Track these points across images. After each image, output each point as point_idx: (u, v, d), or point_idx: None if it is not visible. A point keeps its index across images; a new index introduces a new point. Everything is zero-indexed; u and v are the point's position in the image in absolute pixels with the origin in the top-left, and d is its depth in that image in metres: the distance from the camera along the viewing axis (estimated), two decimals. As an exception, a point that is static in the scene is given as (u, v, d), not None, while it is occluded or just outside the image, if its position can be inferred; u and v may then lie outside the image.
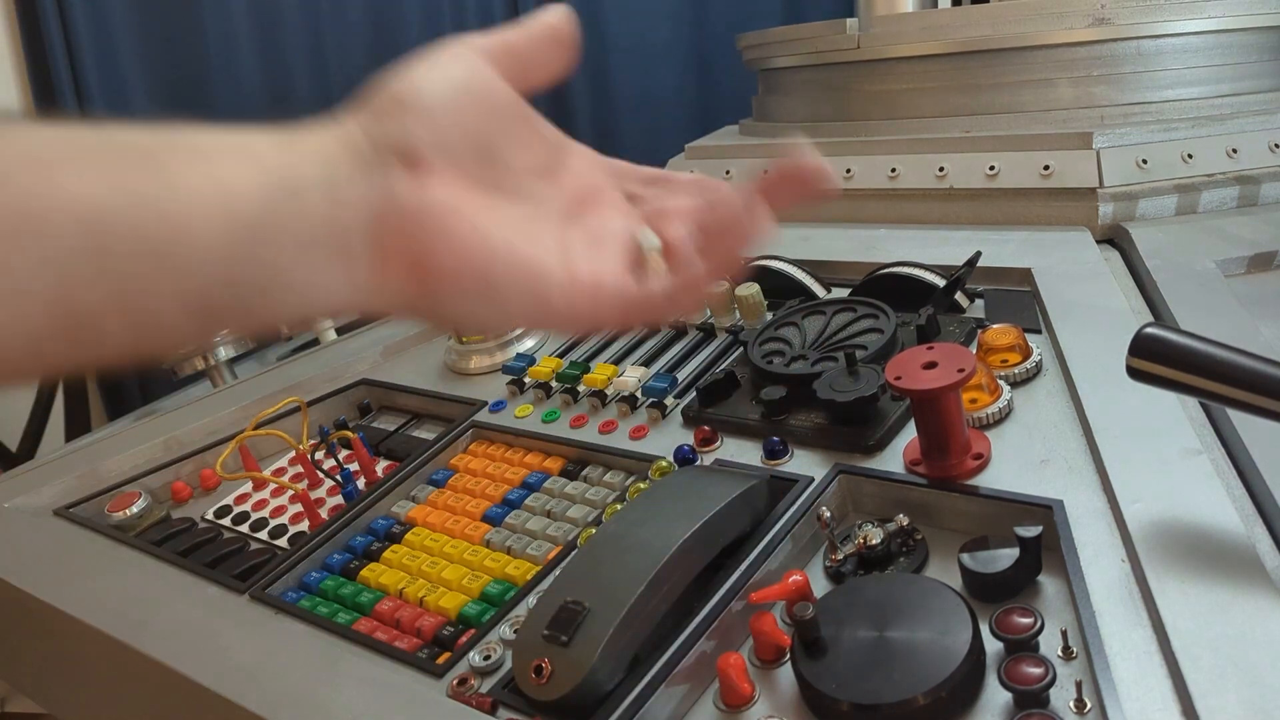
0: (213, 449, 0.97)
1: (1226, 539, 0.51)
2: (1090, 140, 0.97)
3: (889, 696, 0.47)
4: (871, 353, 0.75)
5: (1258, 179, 0.97)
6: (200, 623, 0.70)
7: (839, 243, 1.06)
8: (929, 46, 1.13)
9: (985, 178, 1.02)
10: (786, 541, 0.62)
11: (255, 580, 0.75)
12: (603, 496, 0.75)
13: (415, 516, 0.80)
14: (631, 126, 2.32)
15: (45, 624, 0.78)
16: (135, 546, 0.83)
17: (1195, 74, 1.06)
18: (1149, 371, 0.52)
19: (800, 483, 0.67)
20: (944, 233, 1.02)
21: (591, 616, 0.55)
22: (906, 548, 0.60)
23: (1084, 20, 1.04)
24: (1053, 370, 0.73)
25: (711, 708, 0.53)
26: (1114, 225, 0.95)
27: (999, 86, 1.10)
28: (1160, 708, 0.44)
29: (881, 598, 0.53)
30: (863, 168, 1.12)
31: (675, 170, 1.32)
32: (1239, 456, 0.60)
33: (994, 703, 0.48)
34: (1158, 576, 0.49)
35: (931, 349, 0.63)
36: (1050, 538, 0.56)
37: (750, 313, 0.92)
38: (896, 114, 1.18)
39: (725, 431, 0.76)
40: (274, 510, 0.88)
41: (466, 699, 0.57)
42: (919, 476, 0.64)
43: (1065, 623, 0.51)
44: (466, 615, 0.67)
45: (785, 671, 0.53)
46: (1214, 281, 0.81)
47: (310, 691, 0.61)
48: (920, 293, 0.86)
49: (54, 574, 0.80)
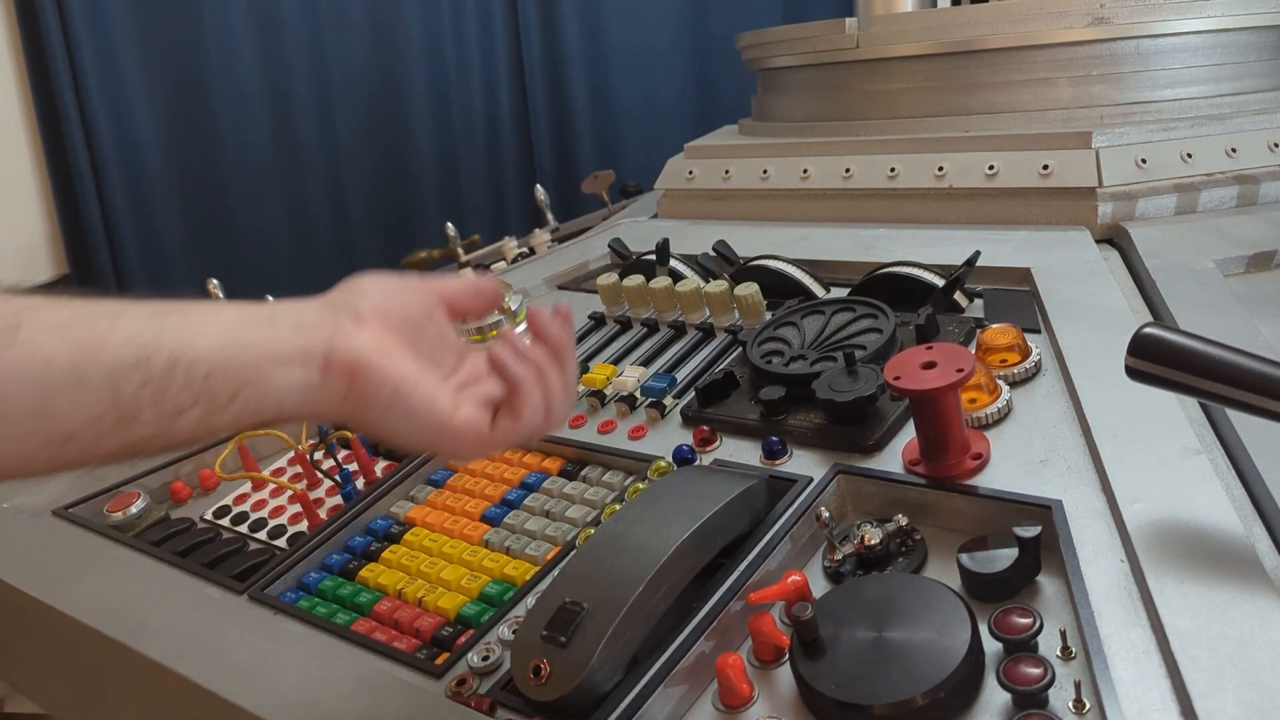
0: (212, 449, 0.97)
1: (1226, 539, 0.51)
2: (1089, 140, 0.97)
3: (888, 697, 0.47)
4: (870, 353, 0.75)
5: (1257, 178, 0.97)
6: (199, 623, 0.70)
7: (838, 242, 1.06)
8: (928, 46, 1.13)
9: (984, 177, 1.02)
10: (785, 542, 0.62)
11: (254, 580, 0.75)
12: (601, 497, 0.75)
13: (414, 517, 0.80)
14: (632, 127, 2.32)
15: (45, 624, 0.78)
16: (134, 547, 0.83)
17: (1194, 73, 1.06)
18: (1148, 371, 0.52)
19: (799, 483, 0.67)
20: (943, 232, 1.02)
21: (590, 617, 0.54)
22: (905, 548, 0.60)
23: (1083, 20, 1.04)
24: (1052, 370, 0.73)
25: (710, 708, 0.53)
26: (1113, 225, 0.95)
27: (998, 86, 1.10)
28: (1159, 708, 0.44)
29: (880, 598, 0.53)
30: (862, 167, 1.12)
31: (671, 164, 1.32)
32: (1238, 456, 0.60)
33: (993, 703, 0.48)
34: (1157, 576, 0.49)
35: (930, 349, 0.63)
36: (1049, 538, 0.56)
37: (749, 312, 0.92)
38: (896, 113, 1.18)
39: (724, 431, 0.76)
40: (273, 510, 0.88)
41: (465, 699, 0.57)
42: (918, 476, 0.64)
43: (1064, 623, 0.51)
44: (465, 615, 0.67)
45: (784, 672, 0.53)
46: (1213, 281, 0.81)
47: (309, 692, 0.61)
48: (919, 293, 0.86)
49: (53, 574, 0.80)
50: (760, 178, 1.21)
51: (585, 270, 1.20)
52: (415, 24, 2.12)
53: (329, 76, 2.06)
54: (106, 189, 1.85)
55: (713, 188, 1.27)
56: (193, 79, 1.92)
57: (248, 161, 1.99)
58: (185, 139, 1.94)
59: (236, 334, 0.44)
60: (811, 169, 1.16)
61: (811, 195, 1.17)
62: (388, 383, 0.46)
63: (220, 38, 1.93)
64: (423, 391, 0.47)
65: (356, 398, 0.46)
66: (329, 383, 0.45)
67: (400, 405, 0.46)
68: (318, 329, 0.46)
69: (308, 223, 2.09)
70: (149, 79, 1.89)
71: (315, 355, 0.45)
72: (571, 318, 0.52)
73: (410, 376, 0.46)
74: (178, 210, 1.94)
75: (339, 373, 0.45)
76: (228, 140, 1.97)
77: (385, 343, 0.46)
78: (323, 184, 2.09)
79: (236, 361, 0.43)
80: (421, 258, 1.53)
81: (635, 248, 1.14)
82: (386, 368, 0.46)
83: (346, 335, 0.46)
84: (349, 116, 2.10)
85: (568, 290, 1.16)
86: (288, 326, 0.45)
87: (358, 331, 0.46)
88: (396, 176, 2.17)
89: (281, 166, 2.04)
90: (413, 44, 2.12)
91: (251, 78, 1.98)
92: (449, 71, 2.17)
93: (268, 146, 2.02)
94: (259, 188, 2.01)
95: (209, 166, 1.97)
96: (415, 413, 0.46)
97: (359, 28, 2.08)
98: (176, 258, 1.94)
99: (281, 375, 0.44)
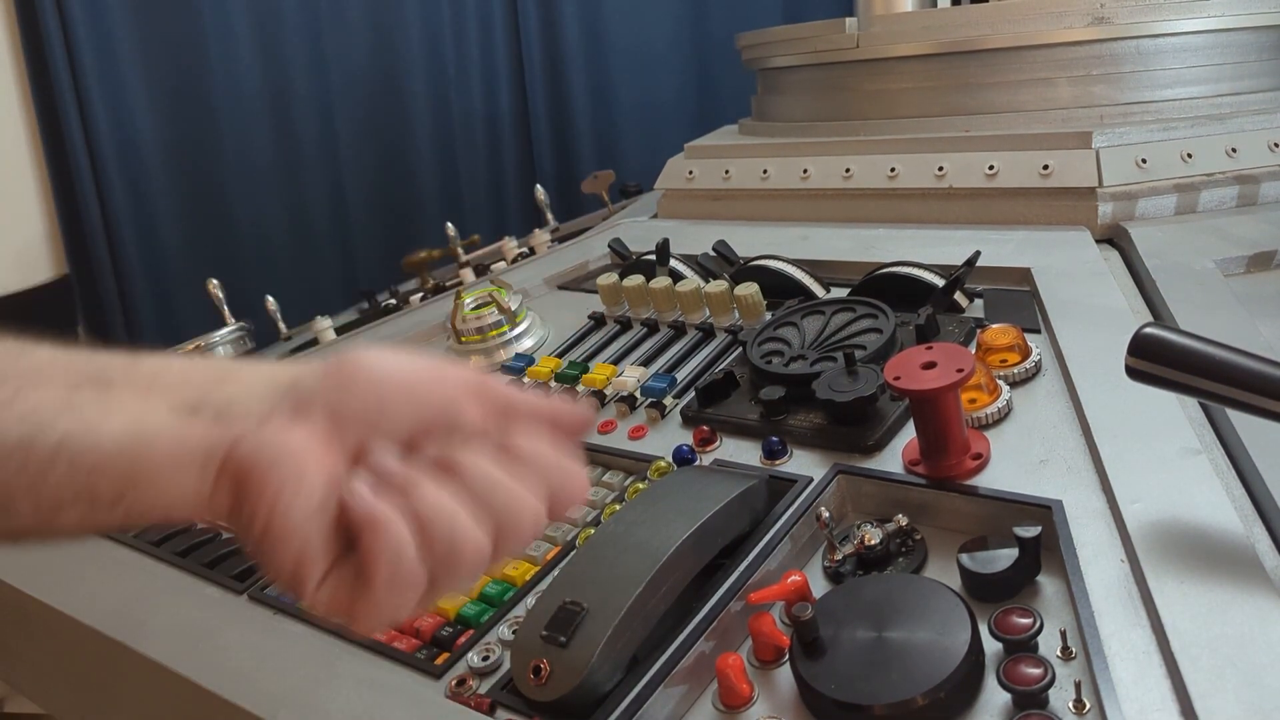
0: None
1: (1226, 539, 0.51)
2: (1089, 140, 0.97)
3: (888, 697, 0.47)
4: (870, 353, 0.75)
5: (1257, 178, 0.97)
6: (199, 623, 0.70)
7: (838, 242, 1.06)
8: (928, 46, 1.13)
9: (984, 177, 1.02)
10: (785, 542, 0.62)
11: (254, 580, 0.75)
12: (601, 497, 0.75)
13: (414, 517, 0.80)
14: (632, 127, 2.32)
15: (45, 624, 0.78)
16: (134, 547, 0.83)
17: (1194, 73, 1.06)
18: (1148, 371, 0.52)
19: (799, 483, 0.67)
20: (943, 232, 1.02)
21: (590, 617, 0.54)
22: (905, 548, 0.60)
23: (1083, 20, 1.04)
24: (1052, 370, 0.73)
25: (710, 708, 0.53)
26: (1113, 225, 0.95)
27: (998, 86, 1.10)
28: (1159, 708, 0.44)
29: (880, 598, 0.53)
30: (862, 167, 1.12)
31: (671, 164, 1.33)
32: (1238, 456, 0.60)
33: (993, 703, 0.48)
34: (1157, 577, 0.49)
35: (930, 349, 0.63)
36: (1049, 538, 0.56)
37: (749, 312, 0.92)
38: (895, 113, 1.18)
39: (724, 431, 0.76)
40: (273, 510, 0.88)
41: (465, 699, 0.57)
42: (918, 476, 0.64)
43: (1064, 623, 0.51)
44: (465, 615, 0.67)
45: (784, 672, 0.53)
46: (1213, 281, 0.81)
47: (308, 692, 0.61)
48: (919, 292, 0.86)
49: (53, 574, 0.80)
50: (760, 178, 1.21)
51: (585, 270, 1.20)
52: (415, 24, 2.12)
53: (329, 76, 2.06)
54: (106, 189, 1.85)
55: (713, 188, 1.27)
56: (193, 79, 1.92)
57: (248, 161, 1.99)
58: (185, 139, 1.93)
59: (146, 423, 0.38)
60: (811, 169, 1.16)
61: (811, 195, 1.17)
62: (267, 527, 0.37)
63: (220, 38, 1.93)
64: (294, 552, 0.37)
65: (234, 508, 0.38)
66: (225, 497, 0.38)
67: (268, 551, 0.37)
68: (241, 421, 0.39)
69: (308, 223, 2.09)
70: (149, 79, 1.88)
71: (227, 464, 0.37)
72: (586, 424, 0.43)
73: (296, 526, 0.37)
74: (178, 210, 1.94)
75: (228, 480, 0.37)
76: (228, 140, 1.97)
77: (300, 448, 0.38)
78: (323, 184, 2.09)
79: (128, 458, 0.37)
80: (421, 258, 1.53)
81: (635, 248, 1.14)
82: (272, 485, 0.37)
83: (248, 441, 0.37)
84: (349, 116, 2.09)
85: (568, 290, 1.16)
86: (209, 417, 0.39)
87: (275, 434, 0.38)
88: (396, 177, 2.17)
89: (281, 166, 2.04)
90: (413, 44, 2.12)
91: (251, 78, 1.98)
92: (449, 71, 2.17)
93: (268, 146, 2.02)
94: (259, 188, 2.01)
95: (209, 166, 1.96)
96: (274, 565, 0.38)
97: (359, 28, 2.08)
98: (176, 258, 1.94)
99: (171, 479, 0.37)
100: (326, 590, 0.38)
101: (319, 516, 0.37)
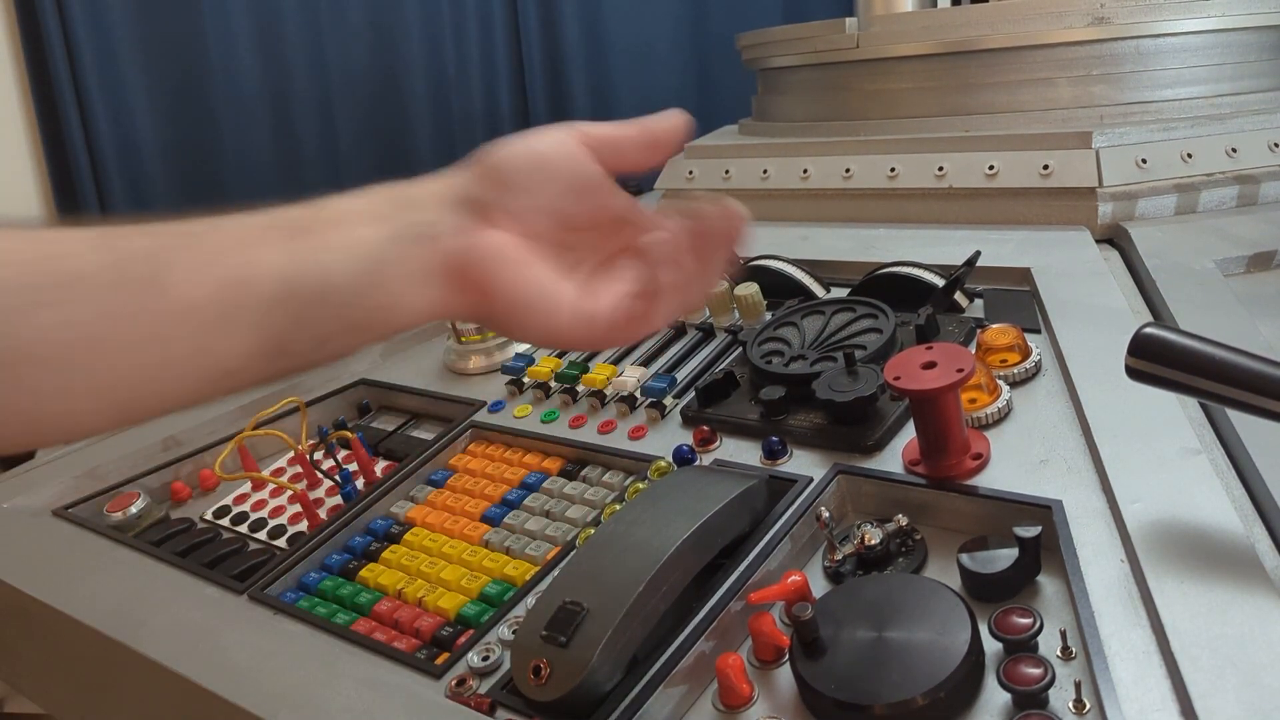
0: (212, 449, 0.97)
1: (1226, 539, 0.51)
2: (1089, 140, 0.97)
3: (888, 697, 0.47)
4: (870, 352, 0.75)
5: (1257, 178, 0.97)
6: (199, 623, 0.70)
7: (838, 242, 1.06)
8: (928, 46, 1.13)
9: (984, 177, 1.02)
10: (785, 542, 0.62)
11: (254, 581, 0.75)
12: (601, 497, 0.75)
13: (414, 517, 0.80)
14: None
15: (45, 624, 0.78)
16: (134, 547, 0.83)
17: (1194, 73, 1.06)
18: (1148, 371, 0.52)
19: (799, 483, 0.67)
20: (943, 232, 1.02)
21: (590, 617, 0.54)
22: (905, 548, 0.60)
23: (1083, 20, 1.04)
24: (1052, 370, 0.73)
25: (710, 708, 0.53)
26: (1113, 225, 0.95)
27: (998, 86, 1.10)
28: (1159, 708, 0.44)
29: (880, 598, 0.53)
30: (862, 167, 1.12)
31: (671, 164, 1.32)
32: (1238, 456, 0.60)
33: (993, 703, 0.48)
34: (1157, 577, 0.49)
35: (930, 349, 0.63)
36: (1049, 538, 0.56)
37: (749, 312, 0.92)
38: (895, 113, 1.18)
39: (724, 431, 0.76)
40: (273, 510, 0.88)
41: (465, 699, 0.57)
42: (918, 476, 0.64)
43: (1064, 623, 0.51)
44: (465, 615, 0.67)
45: (784, 672, 0.53)
46: (1213, 281, 0.81)
47: (309, 692, 0.61)
48: (919, 292, 0.86)
49: (53, 574, 0.80)
50: (760, 178, 1.21)
51: (585, 270, 1.19)
52: (415, 24, 2.12)
53: (329, 76, 2.06)
54: (106, 189, 1.84)
55: (713, 188, 1.27)
56: (193, 79, 1.92)
57: (248, 161, 1.99)
58: (185, 139, 1.93)
59: (373, 255, 0.44)
60: (811, 169, 1.16)
61: (811, 195, 1.17)
62: (516, 301, 0.46)
63: (220, 38, 1.93)
64: (544, 296, 0.46)
65: (487, 306, 0.46)
66: (462, 297, 0.46)
67: (521, 313, 0.46)
68: (453, 238, 0.45)
69: (308, 223, 2.08)
70: (149, 79, 1.88)
71: (453, 271, 0.45)
72: None
73: (533, 284, 0.46)
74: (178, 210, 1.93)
75: (471, 288, 0.45)
76: (228, 140, 1.97)
77: (513, 250, 0.46)
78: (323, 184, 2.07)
79: (373, 287, 0.43)
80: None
81: (635, 248, 1.14)
82: (515, 284, 0.45)
83: (480, 249, 0.45)
84: (349, 116, 2.09)
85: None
86: (422, 238, 0.45)
87: (485, 239, 0.45)
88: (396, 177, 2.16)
89: (281, 166, 2.04)
90: (413, 44, 2.12)
91: (251, 78, 1.98)
92: (449, 71, 2.17)
93: (268, 146, 2.01)
94: (259, 188, 2.01)
95: (209, 166, 1.96)
96: (535, 316, 0.46)
97: (359, 28, 2.08)
98: (176, 258, 1.94)
99: (416, 295, 0.44)
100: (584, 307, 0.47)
101: (538, 268, 0.46)
